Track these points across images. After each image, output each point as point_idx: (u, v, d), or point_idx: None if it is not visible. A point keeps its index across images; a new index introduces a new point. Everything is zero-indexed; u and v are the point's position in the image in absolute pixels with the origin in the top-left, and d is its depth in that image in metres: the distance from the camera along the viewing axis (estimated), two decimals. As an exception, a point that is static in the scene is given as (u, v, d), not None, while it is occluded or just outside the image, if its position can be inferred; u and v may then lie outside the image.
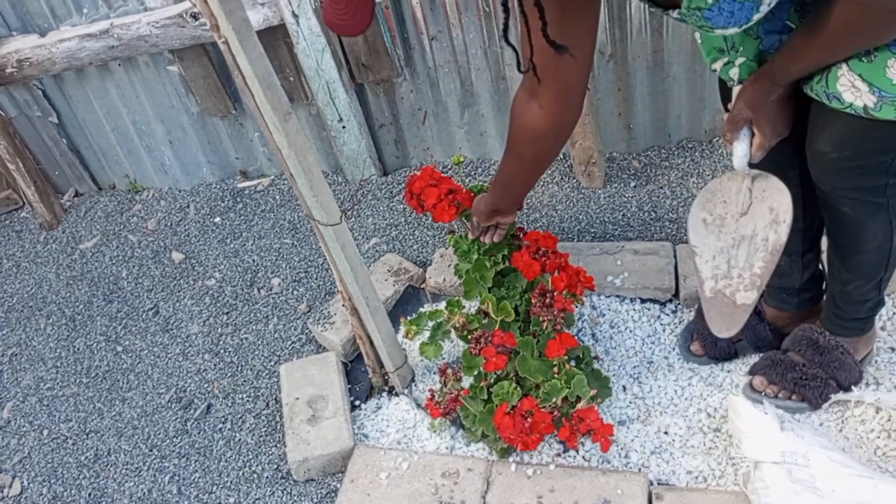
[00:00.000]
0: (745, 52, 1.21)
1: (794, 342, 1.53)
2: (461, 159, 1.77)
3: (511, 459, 1.57)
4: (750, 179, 1.28)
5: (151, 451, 1.86)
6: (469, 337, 1.58)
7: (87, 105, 2.44)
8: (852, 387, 1.51)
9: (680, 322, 1.76)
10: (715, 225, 1.31)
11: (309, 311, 2.05)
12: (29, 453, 1.93)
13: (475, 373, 1.58)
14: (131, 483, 1.81)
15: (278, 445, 1.77)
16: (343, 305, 1.62)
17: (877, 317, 1.51)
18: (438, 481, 1.56)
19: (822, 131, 1.21)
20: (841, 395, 1.50)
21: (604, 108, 2.11)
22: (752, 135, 1.24)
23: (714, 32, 1.13)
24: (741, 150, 1.24)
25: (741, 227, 1.29)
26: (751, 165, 1.27)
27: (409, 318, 1.72)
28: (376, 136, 2.32)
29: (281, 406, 1.81)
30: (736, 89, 1.25)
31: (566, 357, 1.52)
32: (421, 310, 1.93)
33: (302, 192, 1.35)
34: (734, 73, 1.24)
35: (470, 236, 1.69)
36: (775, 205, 1.26)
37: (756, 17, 1.09)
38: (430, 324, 1.69)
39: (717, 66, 1.26)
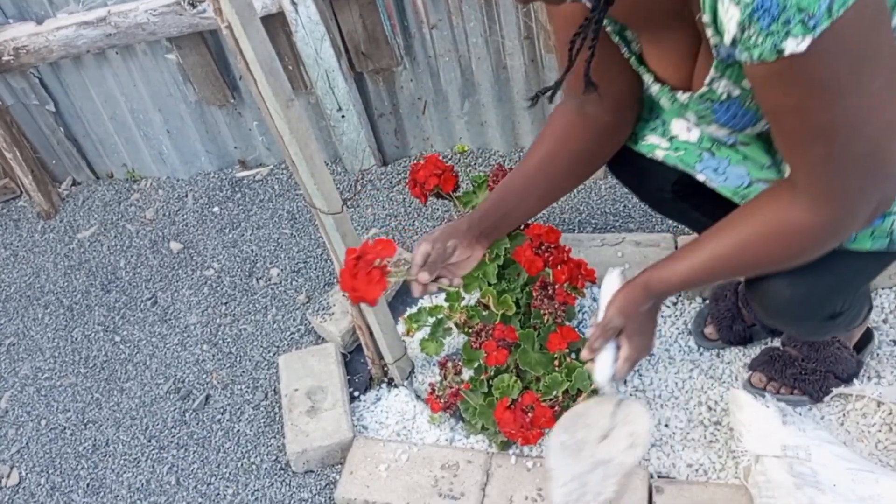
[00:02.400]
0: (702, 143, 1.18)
1: (790, 337, 1.53)
2: (464, 148, 1.76)
3: (511, 452, 1.56)
4: (614, 403, 1.22)
5: (150, 441, 1.85)
6: (469, 331, 1.57)
7: (84, 93, 2.42)
8: (853, 379, 1.51)
9: (681, 314, 1.75)
10: (574, 449, 1.24)
11: (308, 302, 2.04)
12: (27, 443, 1.93)
13: (475, 365, 1.57)
14: (129, 473, 1.80)
15: (277, 437, 1.76)
16: (342, 296, 1.61)
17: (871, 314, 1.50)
18: (438, 473, 1.55)
19: None
20: (842, 389, 1.49)
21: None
22: (618, 348, 1.14)
23: (710, 127, 1.12)
24: (606, 362, 1.14)
25: (599, 452, 1.23)
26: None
27: (408, 313, 1.71)
28: (376, 126, 2.31)
29: (280, 397, 1.80)
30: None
31: (567, 350, 1.51)
32: (421, 302, 1.93)
33: (303, 179, 1.34)
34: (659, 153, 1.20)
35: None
36: (635, 430, 1.21)
37: (749, 129, 1.10)
38: (430, 320, 1.68)
39: (652, 140, 1.22)
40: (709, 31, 0.90)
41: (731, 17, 0.81)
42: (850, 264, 1.11)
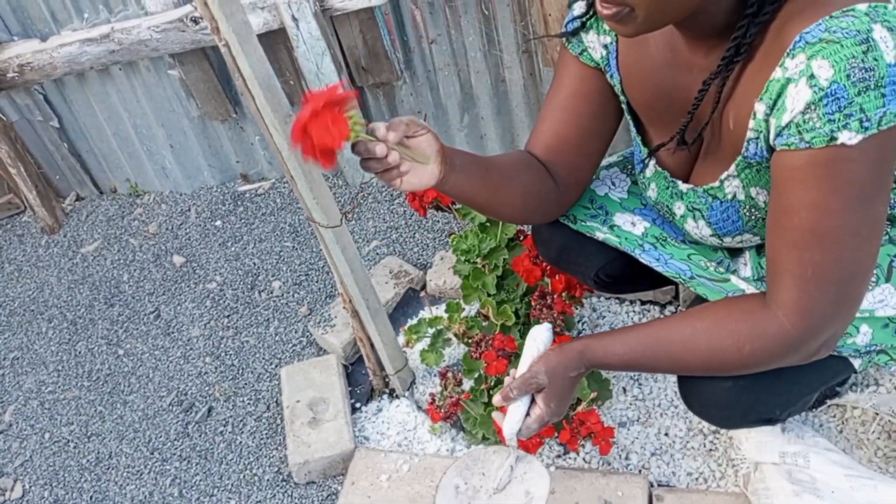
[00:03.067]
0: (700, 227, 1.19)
1: None
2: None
3: (511, 461, 1.57)
4: (514, 458, 1.22)
5: (153, 454, 1.86)
6: (469, 341, 1.59)
7: (88, 109, 2.45)
8: (844, 387, 1.51)
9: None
10: (466, 496, 1.23)
11: (310, 314, 2.05)
12: (30, 457, 1.94)
13: (476, 376, 1.58)
14: (132, 486, 1.81)
15: (279, 448, 1.77)
16: (344, 308, 1.62)
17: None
18: (439, 483, 1.56)
19: None
20: (838, 400, 1.50)
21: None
22: (531, 404, 1.12)
23: (697, 223, 1.15)
24: (516, 416, 1.11)
25: None
26: None
27: (408, 325, 1.73)
28: (376, 140, 2.32)
29: (282, 409, 1.81)
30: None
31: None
32: (421, 313, 1.94)
33: (302, 193, 1.35)
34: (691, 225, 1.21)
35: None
36: (533, 489, 1.20)
37: (728, 239, 1.14)
38: (430, 331, 1.70)
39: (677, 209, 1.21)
40: (750, 123, 0.94)
41: (800, 98, 0.84)
42: (796, 375, 1.09)
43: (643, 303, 1.81)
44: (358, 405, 1.79)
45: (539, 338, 1.14)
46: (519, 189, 1.18)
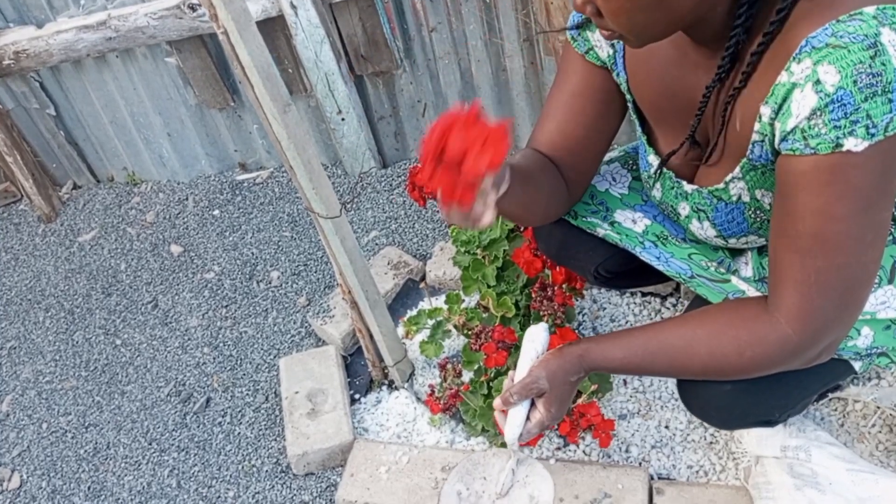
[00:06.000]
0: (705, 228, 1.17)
1: None
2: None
3: (511, 453, 1.56)
4: (515, 461, 1.20)
5: (150, 444, 1.85)
6: (469, 333, 1.58)
7: (84, 97, 2.43)
8: (845, 381, 1.51)
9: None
10: (469, 502, 1.22)
11: (308, 305, 2.04)
12: (28, 447, 1.93)
13: (475, 367, 1.58)
14: (130, 476, 1.80)
15: (278, 439, 1.77)
16: (343, 299, 1.62)
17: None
18: (438, 475, 1.56)
19: None
20: (839, 393, 1.50)
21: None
22: (531, 408, 1.11)
23: (702, 224, 1.14)
24: (517, 420, 1.10)
25: None
26: None
27: (407, 316, 1.72)
28: (376, 129, 2.31)
29: (280, 400, 1.81)
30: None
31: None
32: (421, 304, 1.93)
33: (301, 184, 1.34)
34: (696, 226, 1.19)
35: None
36: (536, 493, 1.19)
37: (733, 240, 1.13)
38: (430, 322, 1.69)
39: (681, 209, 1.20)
40: (755, 126, 0.93)
41: (806, 104, 0.83)
42: (795, 378, 1.08)
43: (644, 294, 1.80)
44: (357, 396, 1.79)
45: (536, 338, 1.13)
46: (545, 194, 1.17)
